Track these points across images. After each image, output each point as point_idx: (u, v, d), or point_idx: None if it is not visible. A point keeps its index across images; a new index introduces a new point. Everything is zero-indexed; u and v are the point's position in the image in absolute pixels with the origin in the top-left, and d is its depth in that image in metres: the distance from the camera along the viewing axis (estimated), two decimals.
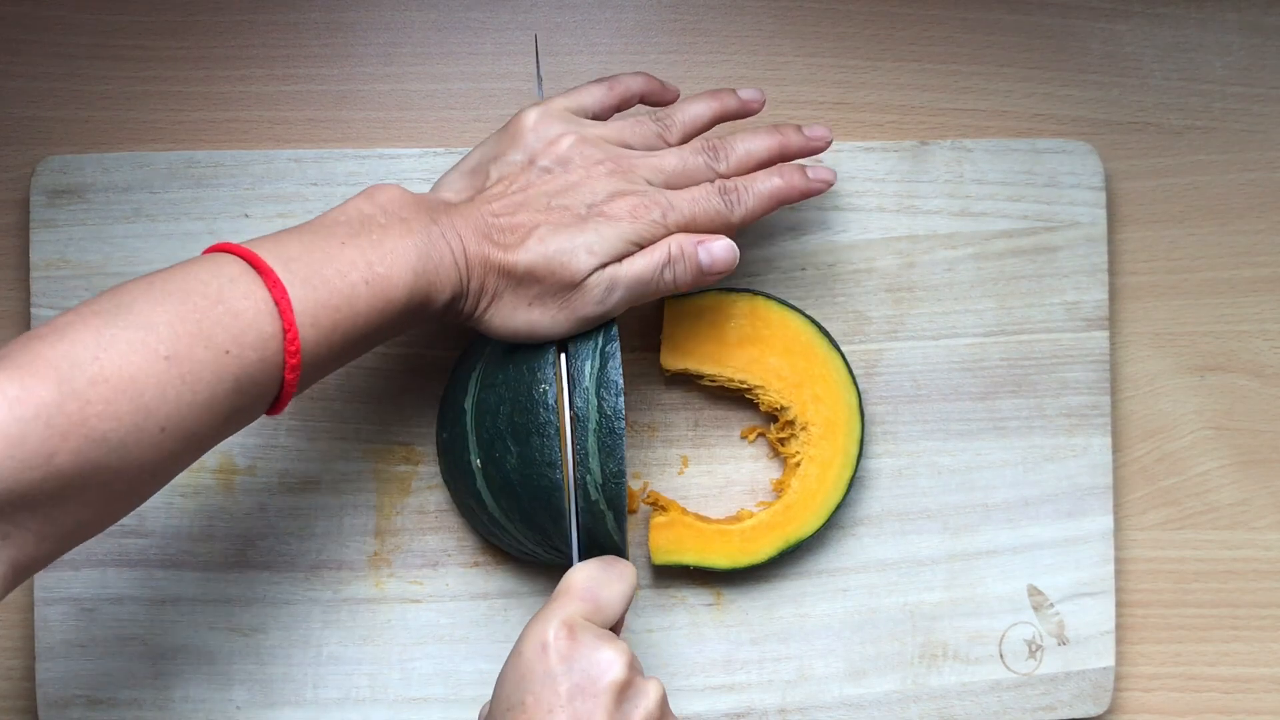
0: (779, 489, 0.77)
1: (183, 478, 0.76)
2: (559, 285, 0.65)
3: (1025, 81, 0.82)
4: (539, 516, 0.69)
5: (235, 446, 0.76)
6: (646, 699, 0.61)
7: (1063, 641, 0.79)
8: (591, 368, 0.68)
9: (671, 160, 0.69)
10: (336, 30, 0.80)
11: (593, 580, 0.64)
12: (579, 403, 0.68)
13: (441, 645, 0.77)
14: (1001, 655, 0.79)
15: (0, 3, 0.78)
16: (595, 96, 0.71)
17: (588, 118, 0.70)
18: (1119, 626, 0.81)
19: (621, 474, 0.67)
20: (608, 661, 0.60)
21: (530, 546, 0.73)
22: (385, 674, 0.76)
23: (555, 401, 0.68)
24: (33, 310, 0.75)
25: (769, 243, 0.78)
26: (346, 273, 0.60)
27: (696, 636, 0.78)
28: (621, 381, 0.67)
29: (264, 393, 0.59)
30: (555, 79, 0.80)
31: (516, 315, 0.67)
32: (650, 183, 0.68)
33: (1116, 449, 0.81)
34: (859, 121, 0.82)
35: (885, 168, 0.79)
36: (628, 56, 0.81)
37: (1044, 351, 0.79)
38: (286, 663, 0.76)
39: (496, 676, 0.76)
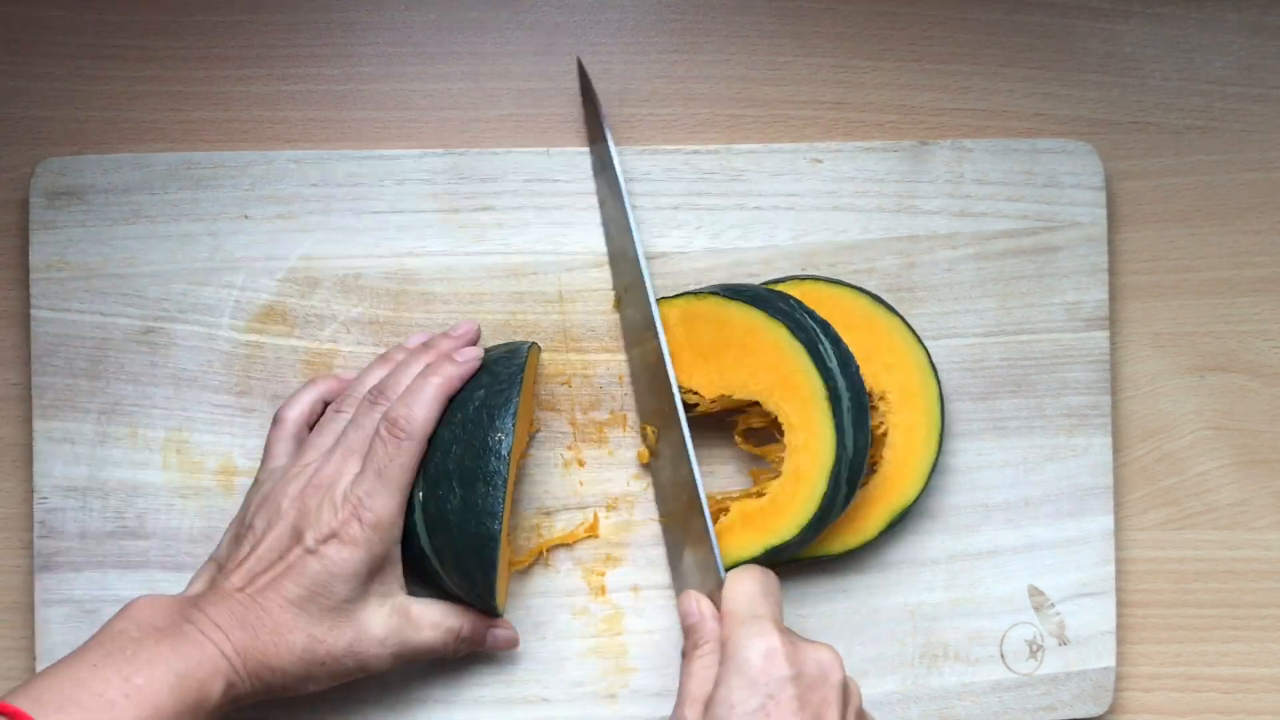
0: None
1: (183, 479, 0.76)
2: (330, 604, 0.68)
3: (1025, 81, 0.82)
4: (468, 562, 0.70)
5: (235, 447, 0.76)
6: (858, 697, 0.67)
7: (1063, 642, 0.79)
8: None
9: (352, 435, 0.71)
10: (336, 30, 0.80)
11: (764, 586, 0.69)
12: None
13: None
14: (1002, 655, 0.79)
15: (0, 3, 0.78)
16: (284, 431, 0.73)
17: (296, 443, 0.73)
18: (1119, 626, 0.81)
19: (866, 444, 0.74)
20: (830, 661, 0.65)
21: (452, 588, 0.73)
22: (385, 675, 0.76)
23: (508, 452, 0.69)
24: (32, 312, 0.75)
25: (770, 243, 0.78)
26: (102, 691, 0.60)
27: None
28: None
29: None
30: (556, 78, 0.80)
31: (322, 646, 0.68)
32: (341, 479, 0.69)
33: (1117, 449, 0.81)
34: (859, 121, 0.82)
35: (885, 168, 0.79)
36: (628, 56, 0.81)
37: (1044, 351, 0.79)
38: None
39: (490, 677, 0.76)
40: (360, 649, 0.69)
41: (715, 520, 0.74)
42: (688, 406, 0.75)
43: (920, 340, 0.76)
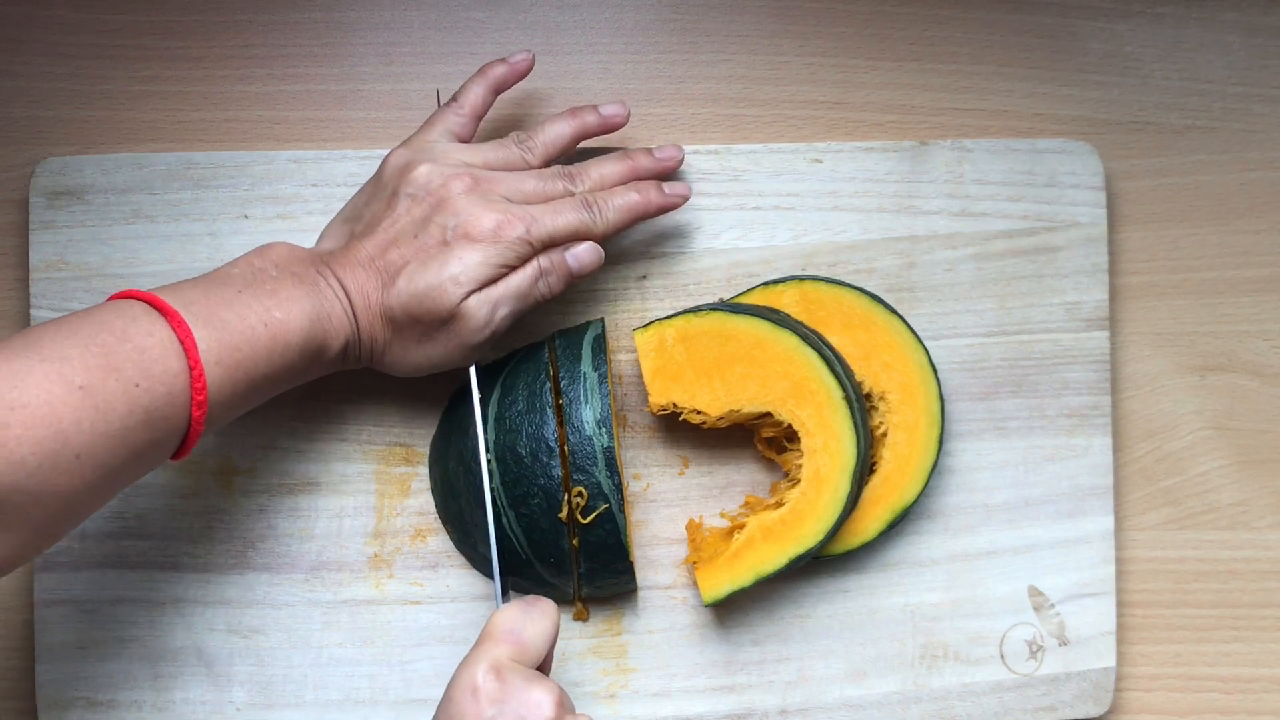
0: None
1: (183, 479, 0.76)
2: (437, 320, 0.68)
3: (1025, 81, 0.82)
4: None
5: (235, 448, 0.76)
6: None
7: (1063, 642, 0.79)
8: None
9: (531, 182, 0.71)
10: (336, 30, 0.80)
11: (515, 621, 0.65)
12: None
13: (442, 646, 0.77)
14: (1002, 656, 0.79)
15: (0, 3, 0.78)
16: (452, 119, 0.73)
17: (455, 141, 0.72)
18: (1119, 627, 0.81)
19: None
20: (536, 702, 0.62)
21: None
22: (385, 675, 0.76)
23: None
24: (32, 312, 0.75)
25: (770, 244, 0.78)
26: (245, 316, 0.62)
27: (698, 637, 0.78)
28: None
29: (173, 430, 0.60)
30: (556, 78, 0.80)
31: (409, 355, 0.69)
32: (510, 201, 0.69)
33: (1117, 449, 0.81)
34: (859, 121, 0.82)
35: (885, 168, 0.79)
36: (628, 56, 0.81)
37: (1044, 352, 0.79)
38: (286, 664, 0.76)
39: None
40: (462, 337, 0.69)
41: (729, 538, 0.75)
42: (693, 426, 0.75)
43: (920, 340, 0.76)
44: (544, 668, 0.67)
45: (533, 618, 0.66)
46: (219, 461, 0.76)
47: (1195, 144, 0.82)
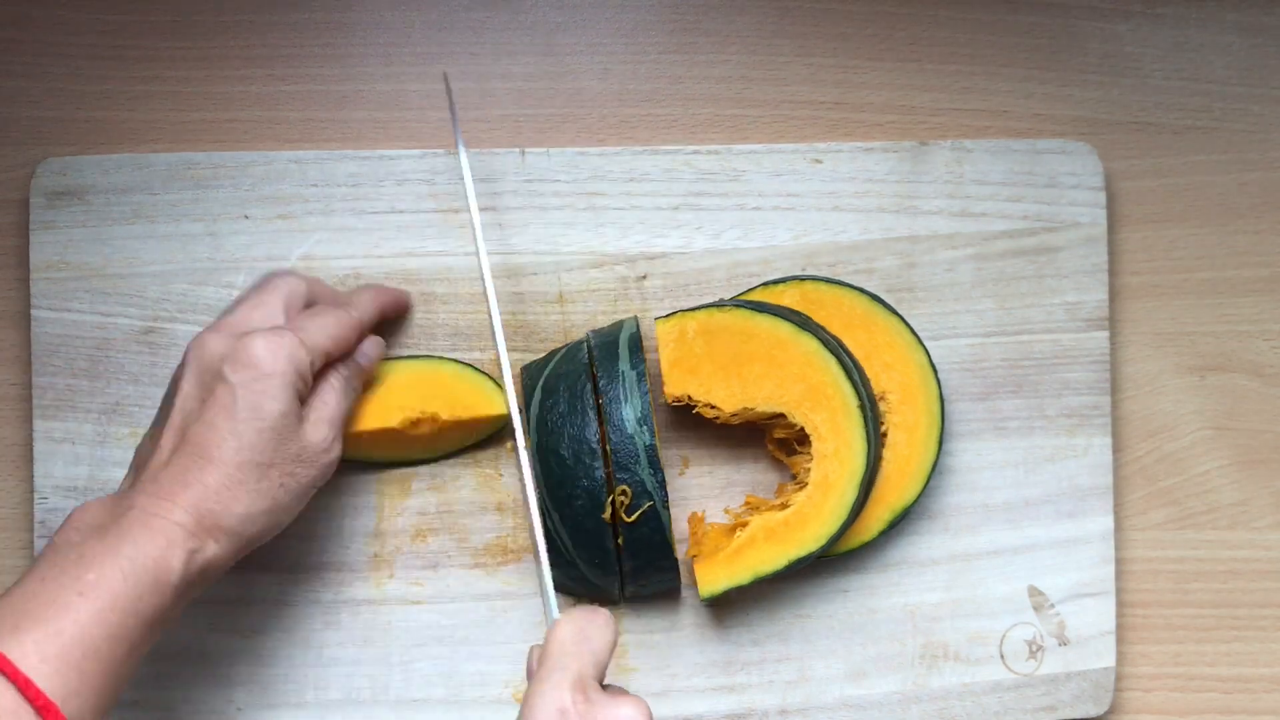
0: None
1: None
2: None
3: (1025, 81, 0.82)
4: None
5: None
6: None
7: (1063, 642, 0.79)
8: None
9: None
10: (336, 30, 0.80)
11: (583, 634, 0.63)
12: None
13: (442, 646, 0.77)
14: (1002, 656, 0.79)
15: (0, 3, 0.78)
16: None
17: None
18: (1119, 626, 0.81)
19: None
20: (627, 718, 0.60)
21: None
22: (386, 675, 0.76)
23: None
24: (33, 312, 0.75)
25: (770, 244, 0.78)
26: (54, 598, 0.59)
27: (698, 637, 0.78)
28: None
29: None
30: (555, 78, 0.80)
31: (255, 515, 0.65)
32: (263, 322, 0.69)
33: (1117, 449, 0.81)
34: (859, 121, 0.82)
35: (885, 168, 0.79)
36: (628, 56, 0.81)
37: (1044, 352, 0.79)
38: (287, 664, 0.76)
39: (491, 677, 0.76)
40: (311, 454, 0.66)
41: (731, 535, 0.75)
42: (706, 420, 0.75)
43: (920, 340, 0.76)
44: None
45: (598, 627, 0.63)
46: None
47: (1195, 144, 0.83)
